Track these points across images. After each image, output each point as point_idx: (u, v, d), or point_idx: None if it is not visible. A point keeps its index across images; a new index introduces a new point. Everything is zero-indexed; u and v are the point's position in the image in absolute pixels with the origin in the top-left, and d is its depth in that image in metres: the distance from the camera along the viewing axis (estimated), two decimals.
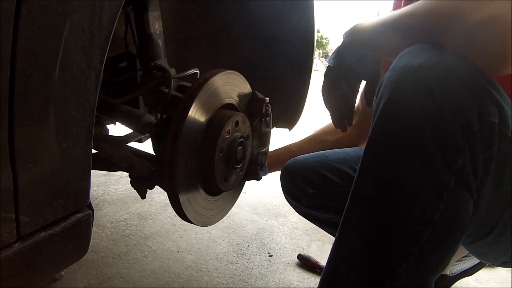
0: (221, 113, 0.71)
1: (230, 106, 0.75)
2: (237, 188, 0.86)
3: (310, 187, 0.97)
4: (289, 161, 1.05)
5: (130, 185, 0.74)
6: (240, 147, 0.74)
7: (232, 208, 0.88)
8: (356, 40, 0.73)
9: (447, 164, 0.45)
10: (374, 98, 0.79)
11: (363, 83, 0.81)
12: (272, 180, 1.34)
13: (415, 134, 0.46)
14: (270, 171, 1.19)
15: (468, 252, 0.98)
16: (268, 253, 1.36)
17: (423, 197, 0.46)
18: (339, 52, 0.78)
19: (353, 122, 1.12)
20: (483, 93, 0.46)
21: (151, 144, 0.82)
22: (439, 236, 0.48)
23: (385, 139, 0.49)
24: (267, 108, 0.80)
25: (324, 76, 0.82)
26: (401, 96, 0.48)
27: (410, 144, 0.47)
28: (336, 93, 0.80)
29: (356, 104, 0.84)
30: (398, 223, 0.48)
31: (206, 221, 0.79)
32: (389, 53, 0.70)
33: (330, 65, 0.80)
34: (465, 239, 0.63)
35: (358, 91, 0.81)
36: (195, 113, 0.65)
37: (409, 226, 0.47)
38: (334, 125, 0.86)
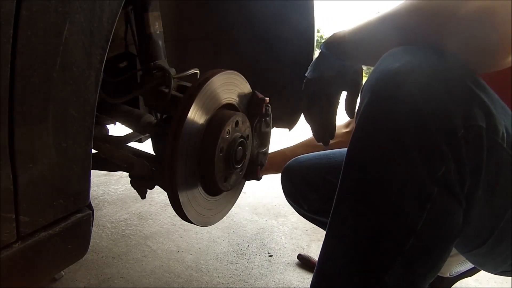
0: (221, 113, 0.71)
1: (230, 106, 0.75)
2: (237, 188, 0.86)
3: (311, 191, 0.94)
4: (291, 161, 1.03)
5: (130, 185, 0.74)
6: (240, 147, 0.74)
7: (232, 208, 0.88)
8: (336, 50, 0.70)
9: (429, 172, 0.43)
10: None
11: (344, 94, 0.78)
12: (272, 180, 1.34)
13: (395, 140, 0.44)
14: (262, 174, 1.17)
15: None
16: (268, 253, 1.36)
17: (405, 206, 0.45)
18: (318, 64, 0.75)
19: (349, 129, 1.10)
20: (468, 96, 0.44)
21: (151, 144, 0.82)
22: (424, 245, 0.46)
23: (365, 145, 0.47)
24: (267, 108, 0.80)
25: (303, 91, 0.78)
26: (380, 101, 0.46)
27: (390, 151, 0.44)
28: (316, 107, 0.78)
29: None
30: (382, 232, 0.46)
31: (206, 221, 0.79)
32: (373, 60, 0.67)
33: (309, 77, 0.76)
34: (461, 248, 0.61)
35: (339, 103, 0.78)
36: (195, 113, 0.65)
37: (392, 236, 0.46)
38: (316, 140, 0.83)
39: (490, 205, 0.50)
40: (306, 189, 0.95)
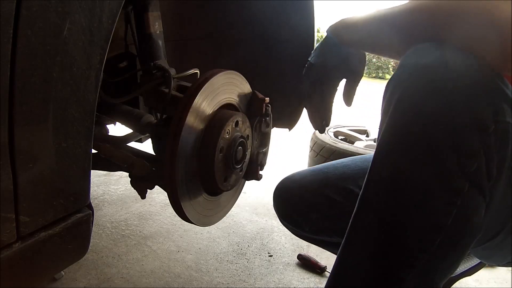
0: (221, 113, 0.71)
1: (230, 106, 0.75)
2: (237, 188, 0.86)
3: (313, 210, 0.88)
4: (284, 180, 0.95)
5: (130, 185, 0.74)
6: (240, 147, 0.74)
7: (232, 208, 0.88)
8: (342, 36, 0.70)
9: (461, 168, 0.44)
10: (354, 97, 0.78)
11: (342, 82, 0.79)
12: (272, 180, 1.33)
13: (427, 136, 0.44)
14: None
15: (468, 253, 0.98)
16: (268, 253, 1.36)
17: (435, 202, 0.45)
18: (322, 49, 0.75)
19: None
20: (497, 92, 0.45)
21: (151, 144, 0.82)
22: (450, 241, 0.46)
23: (397, 142, 0.47)
24: (267, 108, 0.80)
25: (305, 75, 0.78)
26: (413, 97, 0.46)
27: (422, 147, 0.45)
28: (317, 93, 0.78)
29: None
30: (408, 229, 0.46)
31: (206, 221, 0.79)
32: (382, 51, 0.68)
33: (312, 62, 0.77)
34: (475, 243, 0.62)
35: (337, 89, 0.79)
36: (195, 113, 0.65)
37: (419, 233, 0.46)
38: (312, 125, 0.83)
39: (507, 198, 0.51)
40: (306, 209, 0.89)
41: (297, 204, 0.90)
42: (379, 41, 0.64)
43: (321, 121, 0.81)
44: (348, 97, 0.77)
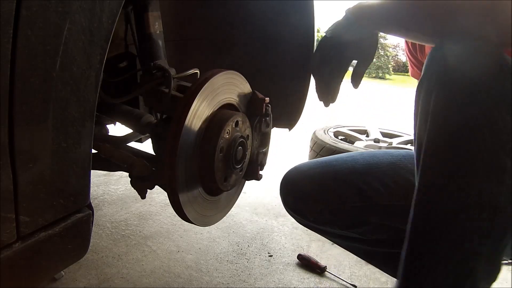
0: (221, 113, 0.71)
1: (230, 106, 0.75)
2: (237, 188, 0.86)
3: (318, 202, 0.89)
4: (290, 171, 0.97)
5: (130, 185, 0.74)
6: (240, 147, 0.74)
7: (232, 208, 0.88)
8: (360, 17, 0.74)
9: (503, 147, 0.48)
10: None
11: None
12: (272, 180, 1.34)
13: (470, 125, 0.49)
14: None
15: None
16: (268, 253, 1.36)
17: (487, 181, 0.49)
18: (339, 26, 0.78)
19: None
20: None
21: (151, 144, 0.82)
22: (505, 220, 0.50)
23: (443, 136, 0.52)
24: (267, 108, 0.80)
25: (318, 46, 0.82)
26: (452, 88, 0.51)
27: (467, 135, 0.49)
28: (326, 67, 0.81)
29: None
30: (470, 216, 0.50)
31: (206, 221, 0.79)
32: (393, 34, 0.74)
33: (328, 35, 0.80)
34: None
35: (347, 70, 0.82)
36: (195, 113, 0.65)
37: (479, 218, 0.50)
38: (318, 97, 0.86)
39: None
40: (311, 200, 0.90)
41: (303, 195, 0.92)
42: (389, 27, 0.71)
43: (327, 95, 0.84)
44: (356, 79, 0.81)
